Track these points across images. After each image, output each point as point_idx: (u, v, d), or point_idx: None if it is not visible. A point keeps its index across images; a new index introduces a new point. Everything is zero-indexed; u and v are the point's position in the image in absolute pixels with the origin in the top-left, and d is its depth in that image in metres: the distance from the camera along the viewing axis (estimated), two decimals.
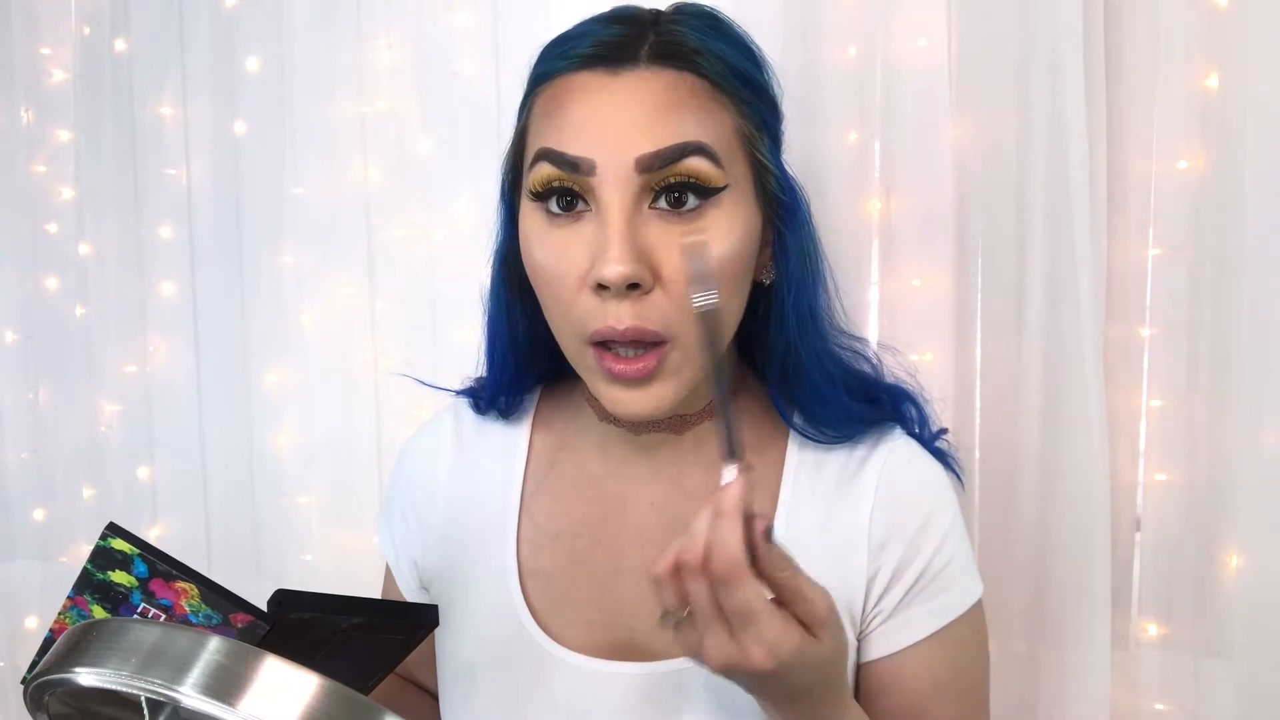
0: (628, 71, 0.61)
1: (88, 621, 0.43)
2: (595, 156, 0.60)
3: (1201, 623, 1.01)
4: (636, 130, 0.60)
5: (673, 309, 0.61)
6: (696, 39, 0.62)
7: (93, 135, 1.43)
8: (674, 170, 0.60)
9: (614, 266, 0.59)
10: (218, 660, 0.39)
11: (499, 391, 0.76)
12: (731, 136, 0.62)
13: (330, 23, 1.27)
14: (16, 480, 1.53)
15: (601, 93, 0.61)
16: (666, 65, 0.61)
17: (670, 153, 0.60)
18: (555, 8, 1.14)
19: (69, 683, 0.41)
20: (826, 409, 0.69)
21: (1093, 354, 1.00)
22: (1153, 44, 0.99)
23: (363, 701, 0.39)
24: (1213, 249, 0.99)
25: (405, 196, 1.26)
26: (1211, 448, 1.00)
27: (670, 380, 0.63)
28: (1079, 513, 1.01)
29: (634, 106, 0.60)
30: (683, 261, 0.53)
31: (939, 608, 0.68)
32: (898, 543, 0.68)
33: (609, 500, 0.72)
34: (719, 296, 0.57)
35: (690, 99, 0.61)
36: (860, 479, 0.69)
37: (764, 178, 0.65)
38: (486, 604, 0.72)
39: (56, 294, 1.49)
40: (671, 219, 0.61)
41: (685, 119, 0.60)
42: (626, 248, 0.59)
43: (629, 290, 0.60)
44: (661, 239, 0.61)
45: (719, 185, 0.61)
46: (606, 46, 0.62)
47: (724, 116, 0.62)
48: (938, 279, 1.04)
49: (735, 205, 0.62)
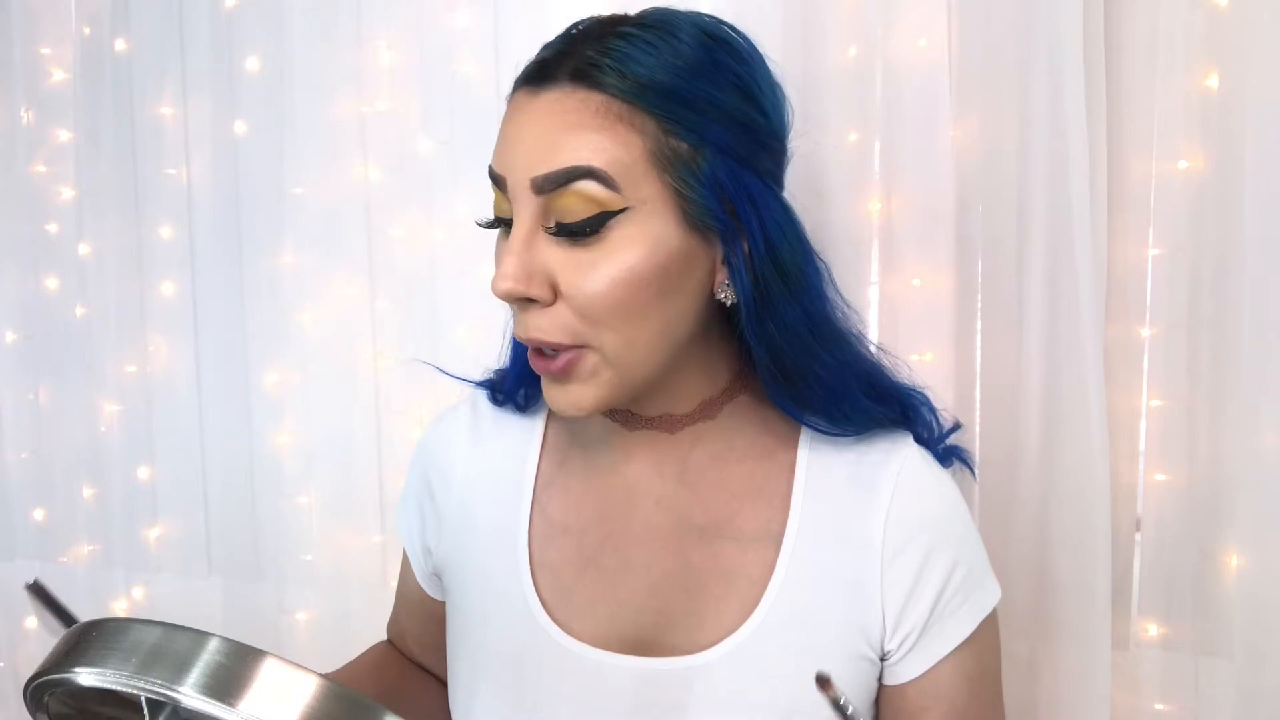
0: (547, 90, 0.62)
1: (88, 621, 0.43)
2: (506, 174, 0.63)
3: (1201, 623, 1.01)
4: (534, 151, 0.61)
5: (577, 321, 0.62)
6: (620, 56, 0.61)
7: (93, 135, 1.43)
8: (565, 192, 0.61)
9: (497, 283, 0.62)
10: (218, 660, 0.39)
11: (520, 383, 0.77)
12: (639, 159, 0.61)
13: (330, 23, 1.27)
14: (16, 480, 1.53)
15: (522, 111, 0.63)
16: (580, 84, 0.61)
17: (559, 176, 0.60)
18: (555, 8, 1.15)
19: (69, 683, 0.41)
20: (841, 405, 0.69)
21: (1093, 354, 1.00)
22: (1153, 44, 0.99)
23: (363, 701, 0.39)
24: (1213, 249, 0.99)
25: (405, 196, 1.26)
26: (1211, 448, 1.00)
27: (587, 383, 0.64)
28: (1079, 512, 1.01)
29: (537, 127, 0.62)
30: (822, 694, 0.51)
31: (966, 617, 0.69)
32: (910, 561, 0.68)
33: (616, 496, 0.73)
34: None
35: (592, 120, 0.60)
36: (875, 488, 0.69)
37: (685, 202, 0.62)
38: (497, 594, 0.73)
39: (56, 294, 1.49)
40: (567, 245, 0.62)
41: (580, 141, 0.60)
42: (517, 265, 0.62)
43: (529, 303, 0.63)
44: (558, 259, 0.62)
45: (614, 208, 0.61)
46: (540, 64, 0.64)
47: (632, 139, 0.60)
48: (938, 279, 1.04)
49: (639, 227, 0.61)
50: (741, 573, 0.68)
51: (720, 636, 0.67)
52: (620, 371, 0.64)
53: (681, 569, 0.70)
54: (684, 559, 0.70)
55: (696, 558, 0.70)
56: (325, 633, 1.34)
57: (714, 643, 0.67)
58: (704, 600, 0.69)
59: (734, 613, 0.68)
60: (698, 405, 0.71)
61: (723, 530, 0.70)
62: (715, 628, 0.68)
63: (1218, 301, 0.99)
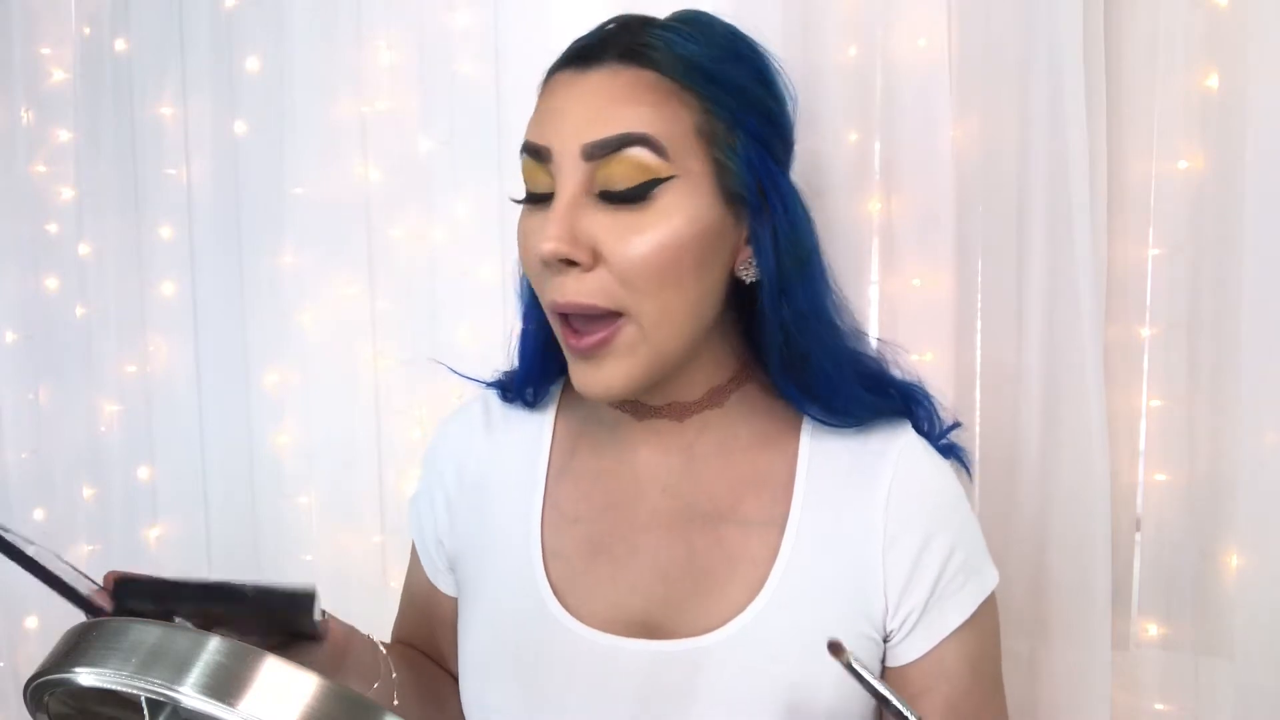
0: (595, 69, 0.66)
1: (88, 621, 0.43)
2: (551, 144, 0.65)
3: (1201, 623, 1.01)
4: (586, 121, 0.64)
5: (617, 285, 0.64)
6: (666, 40, 0.66)
7: (93, 135, 1.43)
8: (616, 159, 0.63)
9: (545, 243, 0.64)
10: (218, 660, 0.39)
11: (527, 380, 0.80)
12: (687, 132, 0.65)
13: (330, 23, 1.27)
14: (16, 480, 1.53)
15: (569, 88, 0.66)
16: (630, 63, 0.65)
17: (612, 141, 0.63)
18: (555, 8, 1.15)
19: (69, 683, 0.41)
20: (840, 397, 0.71)
21: (1093, 354, 1.00)
22: (1153, 44, 0.99)
23: (363, 701, 0.39)
24: (1213, 249, 0.98)
25: (405, 196, 1.26)
26: (1211, 448, 1.00)
27: (623, 359, 0.66)
28: (1079, 513, 1.01)
29: (590, 99, 0.65)
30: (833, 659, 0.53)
31: (966, 599, 0.71)
32: (910, 544, 0.70)
33: (624, 485, 0.75)
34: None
35: (645, 94, 0.64)
36: (875, 474, 0.71)
37: (725, 176, 0.66)
38: (511, 583, 0.75)
39: (56, 294, 1.49)
40: (614, 210, 0.64)
41: (634, 112, 0.64)
42: (562, 227, 0.64)
43: (569, 266, 0.64)
44: (604, 223, 0.64)
45: (662, 175, 0.64)
46: (585, 47, 0.68)
47: (682, 113, 0.65)
48: (938, 279, 1.04)
49: (684, 196, 0.65)
50: (746, 556, 0.70)
51: (726, 618, 0.69)
52: (654, 346, 0.66)
53: (688, 554, 0.71)
54: (690, 544, 0.72)
55: (702, 543, 0.71)
56: None
57: (720, 624, 0.69)
58: (710, 584, 0.70)
59: (739, 595, 0.69)
60: (706, 393, 0.73)
61: (727, 516, 0.72)
62: (721, 610, 0.69)
63: (1218, 301, 0.99)
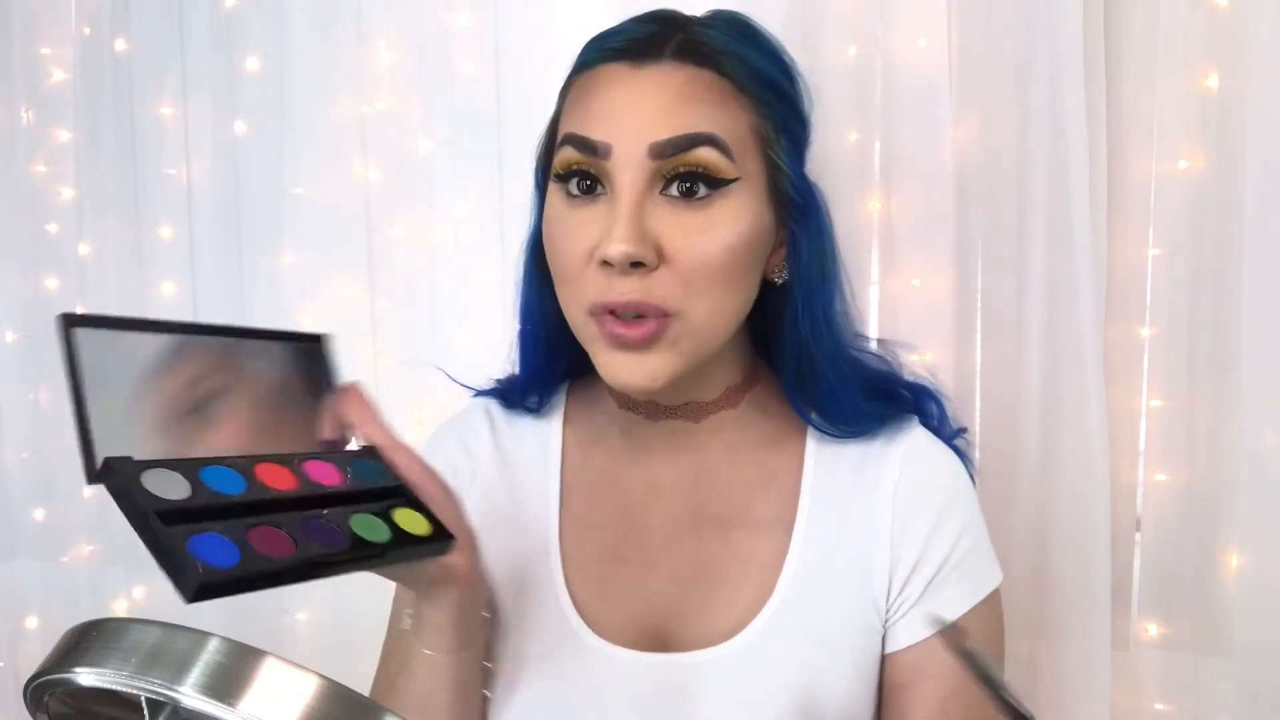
0: (651, 65, 0.64)
1: (87, 621, 0.43)
2: (612, 141, 0.63)
3: (1201, 623, 1.01)
4: (652, 119, 0.62)
5: (676, 285, 0.63)
6: (721, 40, 0.65)
7: (93, 135, 1.43)
8: (684, 158, 0.62)
9: (618, 245, 0.61)
10: (218, 660, 0.39)
11: (530, 386, 0.78)
12: (746, 134, 0.64)
13: (330, 23, 1.27)
14: (16, 480, 1.53)
15: (625, 83, 0.64)
16: (688, 62, 0.64)
17: (682, 141, 0.62)
18: (555, 8, 1.15)
19: (69, 683, 0.41)
20: (840, 407, 0.71)
21: (1093, 354, 1.00)
22: (1153, 44, 0.99)
23: (363, 701, 0.39)
24: (1213, 249, 0.99)
25: (405, 196, 1.26)
26: (1211, 448, 1.00)
27: (668, 352, 0.64)
28: (1079, 513, 1.01)
29: (653, 97, 0.63)
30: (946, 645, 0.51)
31: (965, 590, 0.70)
32: (919, 530, 0.69)
33: (637, 490, 0.74)
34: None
35: (708, 94, 0.63)
36: (881, 469, 0.71)
37: (777, 178, 0.66)
38: (532, 598, 0.74)
39: (56, 294, 1.49)
40: (680, 205, 0.63)
41: (700, 111, 0.63)
42: (633, 228, 0.62)
43: (632, 268, 0.63)
44: (669, 223, 0.63)
45: (729, 177, 0.63)
46: (636, 42, 0.66)
47: (740, 114, 0.64)
48: (938, 279, 1.04)
49: (744, 199, 0.64)
50: (755, 559, 0.70)
51: (738, 625, 0.69)
52: (699, 342, 0.65)
53: (701, 559, 0.71)
54: (703, 549, 0.71)
55: (714, 547, 0.71)
56: (325, 633, 1.34)
57: (733, 631, 0.69)
58: (722, 589, 0.70)
59: (750, 599, 0.69)
60: (723, 393, 0.73)
61: (737, 518, 0.72)
62: (733, 616, 0.69)
63: (1218, 301, 0.99)
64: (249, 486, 0.55)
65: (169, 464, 0.54)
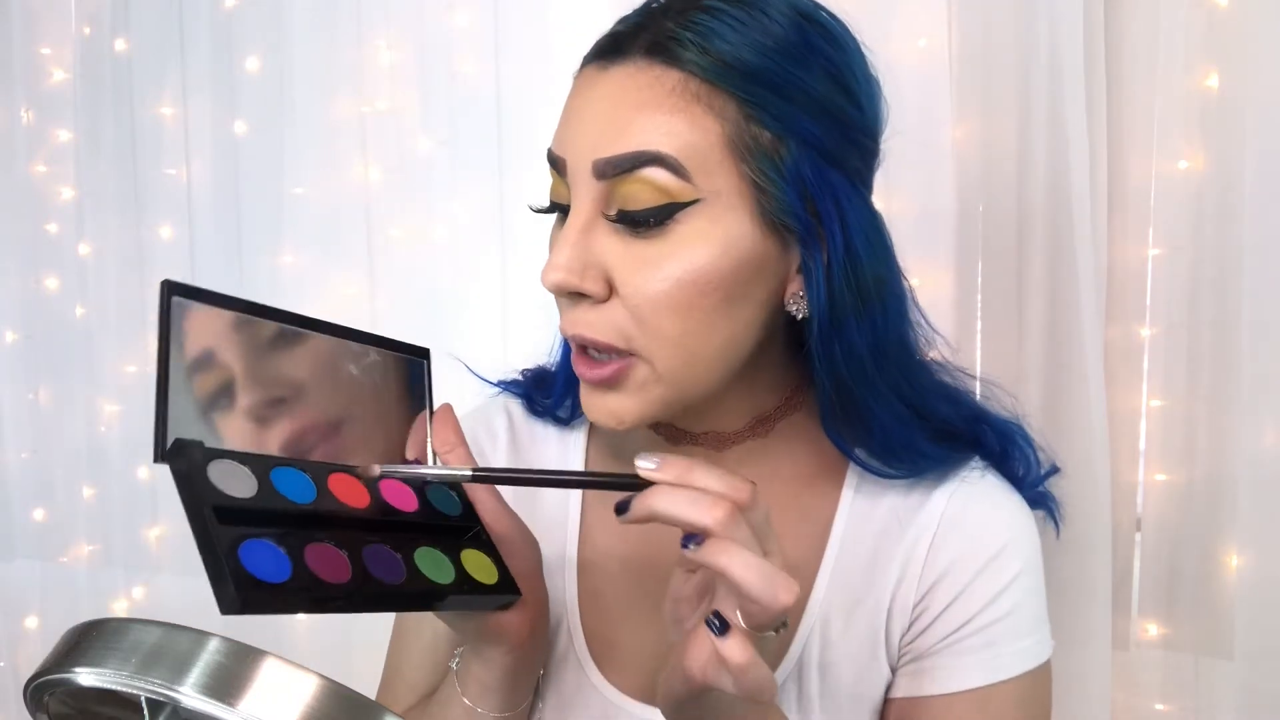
0: (618, 66, 0.56)
1: (87, 621, 0.43)
2: (565, 156, 0.57)
3: (1201, 623, 1.01)
4: (599, 133, 0.55)
5: (630, 323, 0.56)
6: (703, 31, 0.55)
7: (93, 135, 1.43)
8: (630, 179, 0.54)
9: (549, 273, 0.56)
10: (218, 660, 0.39)
11: (567, 393, 0.71)
12: (715, 146, 0.54)
13: (330, 23, 1.27)
14: (16, 480, 1.53)
15: (587, 89, 0.57)
16: (656, 60, 0.55)
17: (623, 160, 0.54)
18: (555, 7, 1.15)
19: (69, 683, 0.41)
20: (891, 446, 0.62)
21: (1093, 354, 1.00)
22: (1153, 44, 0.99)
23: (363, 701, 0.39)
24: (1213, 249, 0.98)
25: (405, 196, 1.26)
26: (1211, 448, 1.00)
27: (633, 396, 0.58)
28: (1079, 513, 1.01)
29: (604, 105, 0.56)
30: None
31: (986, 661, 0.61)
32: (953, 580, 0.62)
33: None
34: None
35: (666, 100, 0.54)
36: (924, 508, 0.63)
37: (762, 197, 0.55)
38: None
39: (56, 294, 1.49)
40: (628, 237, 0.55)
41: (650, 124, 0.54)
42: (572, 254, 0.55)
43: (579, 298, 0.57)
44: (617, 253, 0.56)
45: (682, 200, 0.54)
46: (613, 37, 0.58)
47: (708, 123, 0.54)
48: (938, 279, 1.04)
49: (710, 222, 0.55)
50: None
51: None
52: (674, 386, 0.57)
53: None
54: None
55: None
56: (325, 633, 1.34)
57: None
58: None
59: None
60: (749, 422, 0.65)
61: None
62: None
63: (1218, 301, 0.99)
64: (319, 496, 0.51)
65: (240, 457, 0.50)
